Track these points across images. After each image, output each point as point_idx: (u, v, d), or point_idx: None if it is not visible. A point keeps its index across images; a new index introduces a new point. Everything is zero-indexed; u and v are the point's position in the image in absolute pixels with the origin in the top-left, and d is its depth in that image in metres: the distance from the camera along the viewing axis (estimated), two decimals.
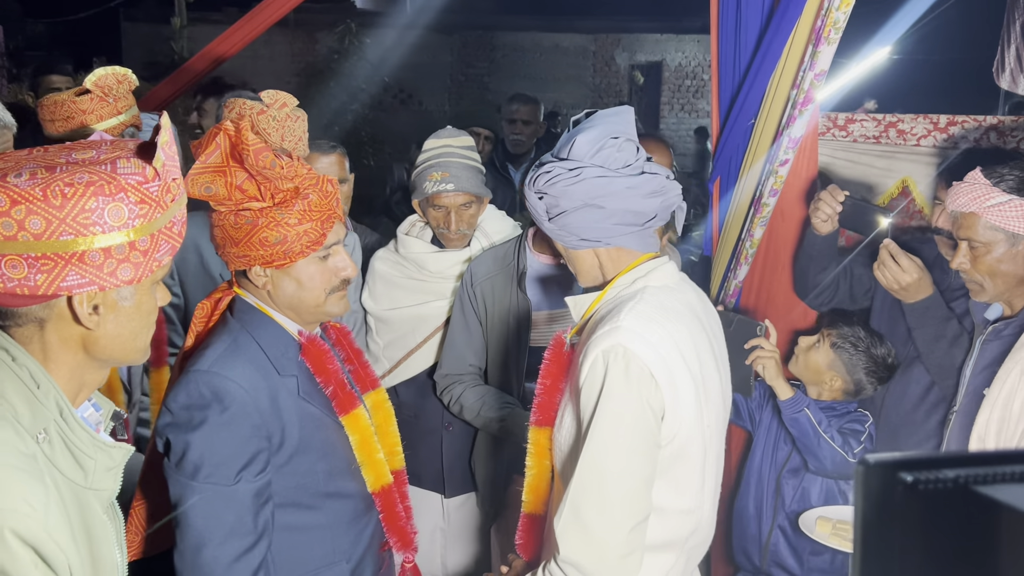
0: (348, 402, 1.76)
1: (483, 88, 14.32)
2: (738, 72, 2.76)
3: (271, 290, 1.69)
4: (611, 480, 1.55)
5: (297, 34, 13.30)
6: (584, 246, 1.71)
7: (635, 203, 1.65)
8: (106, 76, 2.24)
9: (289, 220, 1.60)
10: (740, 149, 2.79)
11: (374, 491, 1.82)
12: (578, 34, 14.36)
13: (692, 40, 14.28)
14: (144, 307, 1.24)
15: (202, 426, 1.56)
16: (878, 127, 2.89)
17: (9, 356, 1.16)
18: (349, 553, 1.77)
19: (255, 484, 1.60)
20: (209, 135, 1.57)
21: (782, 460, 2.54)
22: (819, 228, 2.48)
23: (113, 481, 1.26)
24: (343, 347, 1.91)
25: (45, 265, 1.09)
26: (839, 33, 2.39)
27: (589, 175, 1.63)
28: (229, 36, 4.11)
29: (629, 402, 1.55)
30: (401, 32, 11.89)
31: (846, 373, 2.49)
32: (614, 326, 1.59)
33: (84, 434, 1.20)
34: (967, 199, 2.02)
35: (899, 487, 0.58)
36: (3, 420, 1.12)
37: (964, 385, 2.20)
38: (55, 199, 1.07)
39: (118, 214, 1.11)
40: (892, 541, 0.59)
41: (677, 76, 14.47)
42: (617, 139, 1.66)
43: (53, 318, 1.17)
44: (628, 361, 1.55)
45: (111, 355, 1.24)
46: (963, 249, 2.08)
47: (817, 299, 2.64)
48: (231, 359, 1.62)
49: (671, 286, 1.72)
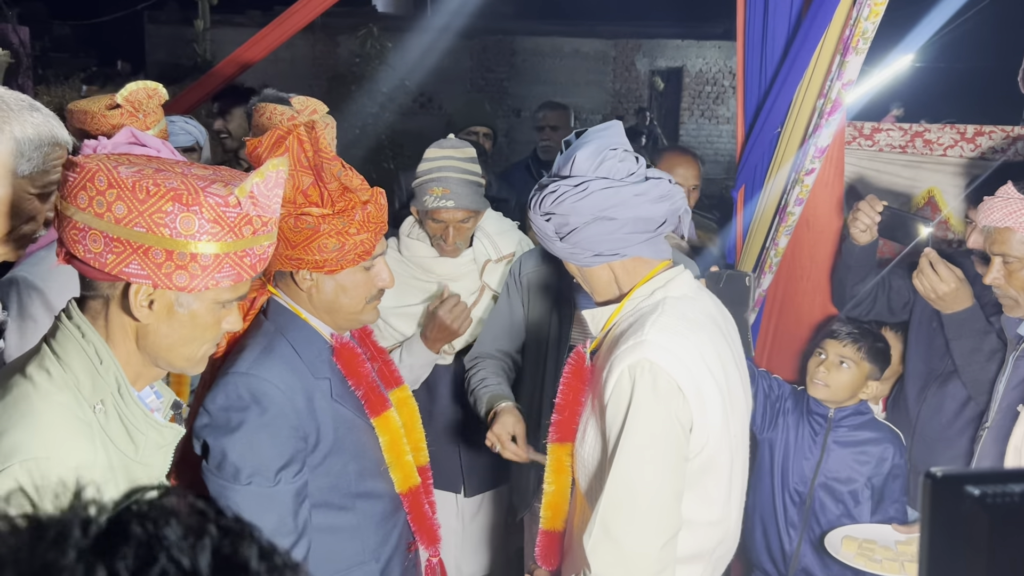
0: (379, 404, 1.79)
1: (503, 92, 14.36)
2: (764, 80, 2.76)
3: (313, 293, 1.71)
4: (643, 496, 1.55)
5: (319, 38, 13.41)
6: (598, 261, 1.69)
7: (645, 210, 1.64)
8: (137, 91, 2.26)
9: (349, 229, 1.62)
10: (766, 158, 2.79)
11: (402, 491, 1.84)
12: (598, 39, 14.37)
13: (713, 46, 14.25)
14: (200, 320, 1.30)
15: (241, 428, 1.58)
16: (904, 136, 2.89)
17: (80, 332, 1.26)
18: (378, 553, 1.79)
19: (295, 484, 1.62)
20: (276, 136, 1.59)
21: (811, 470, 2.50)
22: (857, 238, 2.46)
23: (163, 459, 1.36)
24: (367, 346, 1.93)
25: (117, 248, 1.20)
26: (867, 43, 2.40)
27: (596, 187, 1.62)
28: (256, 42, 4.15)
29: (658, 417, 1.55)
30: (422, 36, 11.94)
31: (878, 370, 2.48)
32: (639, 340, 1.58)
33: (138, 410, 1.30)
34: (1001, 214, 2.00)
35: (966, 501, 0.59)
36: (66, 386, 1.24)
37: (997, 401, 2.19)
38: (140, 193, 1.18)
39: (188, 224, 1.20)
40: (958, 554, 0.60)
41: (697, 82, 14.44)
42: (616, 150, 1.66)
43: (116, 299, 1.26)
44: (655, 375, 1.55)
45: (157, 353, 1.31)
46: (996, 264, 2.05)
47: (854, 310, 2.61)
48: (268, 361, 1.64)
49: (690, 295, 1.71)
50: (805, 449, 2.53)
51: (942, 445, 2.41)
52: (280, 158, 1.28)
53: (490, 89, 14.42)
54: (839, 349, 2.46)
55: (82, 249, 1.21)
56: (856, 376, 2.46)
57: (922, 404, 2.48)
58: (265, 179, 1.25)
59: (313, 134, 1.57)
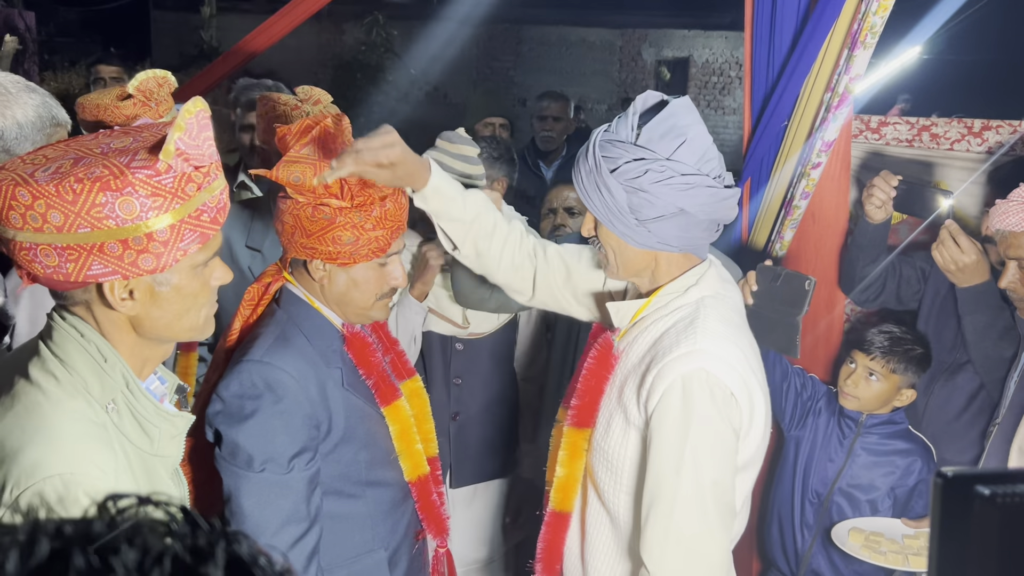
0: (390, 393, 1.81)
1: (509, 82, 14.33)
2: (772, 73, 2.76)
3: (325, 284, 1.73)
4: (711, 501, 1.57)
5: (325, 26, 13.37)
6: (660, 248, 1.64)
7: (722, 213, 1.62)
8: (148, 80, 2.26)
9: (365, 224, 1.63)
10: (772, 150, 2.79)
11: (411, 480, 1.86)
12: (605, 29, 14.31)
13: (720, 36, 14.19)
14: (186, 289, 1.26)
15: (255, 416, 1.60)
16: (911, 130, 2.88)
17: (78, 332, 1.23)
18: (387, 541, 1.81)
19: (308, 472, 1.64)
20: (304, 126, 1.60)
21: (833, 473, 2.48)
22: (872, 215, 2.41)
23: (177, 448, 1.35)
24: (379, 336, 1.95)
25: (72, 255, 1.14)
26: (875, 37, 2.40)
27: (701, 184, 1.56)
28: (263, 30, 4.14)
29: (719, 425, 1.58)
30: (428, 25, 11.91)
31: (914, 377, 2.43)
32: (691, 349, 1.58)
33: (149, 404, 1.28)
34: (1017, 218, 1.98)
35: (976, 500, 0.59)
36: (76, 392, 1.20)
37: (1008, 398, 2.19)
38: (67, 195, 1.11)
39: (129, 207, 1.13)
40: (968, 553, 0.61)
41: (704, 73, 14.38)
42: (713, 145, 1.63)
43: (95, 301, 1.23)
44: (712, 385, 1.57)
45: (160, 334, 1.29)
46: (1011, 268, 2.03)
47: (862, 295, 2.58)
48: (282, 350, 1.65)
49: (720, 292, 1.70)
50: (831, 451, 2.50)
51: (948, 438, 2.41)
52: (192, 100, 1.18)
53: (496, 78, 14.39)
54: (867, 362, 2.42)
55: (40, 267, 1.16)
56: (886, 388, 2.41)
57: (930, 396, 2.47)
58: (187, 130, 1.16)
59: (340, 126, 1.58)
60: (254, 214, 2.66)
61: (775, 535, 2.60)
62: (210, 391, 1.70)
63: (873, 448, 2.46)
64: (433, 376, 2.67)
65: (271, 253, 2.57)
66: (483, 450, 2.73)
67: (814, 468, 2.51)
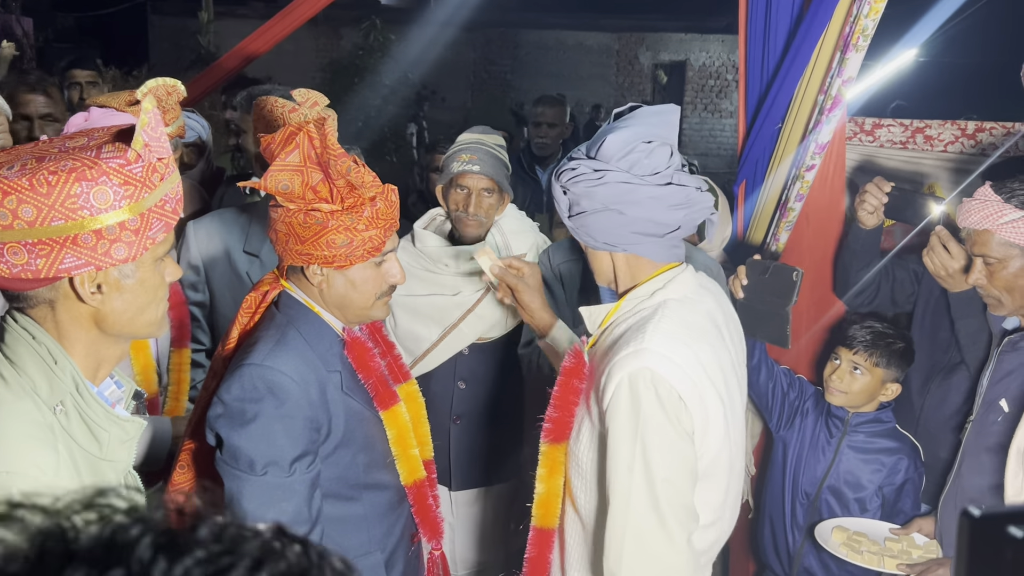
0: (388, 398, 1.81)
1: (506, 85, 14.37)
2: (766, 75, 2.78)
3: (324, 288, 1.74)
4: (664, 500, 1.56)
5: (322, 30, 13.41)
6: (600, 248, 1.70)
7: (657, 213, 1.62)
8: (157, 88, 2.25)
9: (358, 226, 1.64)
10: (767, 153, 2.81)
11: (407, 484, 1.87)
12: (602, 32, 14.36)
13: (716, 40, 14.24)
14: (148, 283, 1.28)
15: (257, 419, 1.60)
16: (905, 132, 2.90)
17: (30, 335, 1.24)
18: (383, 543, 1.81)
19: (309, 475, 1.64)
20: (288, 132, 1.61)
21: (821, 473, 2.49)
22: (864, 221, 2.44)
23: (127, 453, 1.34)
24: (376, 340, 1.95)
25: (43, 250, 1.15)
26: (867, 40, 2.41)
27: (613, 179, 1.60)
28: (260, 34, 4.16)
29: (665, 424, 1.55)
30: (425, 29, 11.94)
31: (898, 371, 2.45)
32: (639, 348, 1.57)
33: (99, 408, 1.28)
34: (979, 216, 2.02)
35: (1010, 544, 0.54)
36: (23, 392, 1.21)
37: (981, 395, 2.21)
38: (41, 187, 1.12)
39: (103, 197, 1.15)
40: None
41: (701, 76, 14.43)
42: (650, 143, 1.61)
43: (61, 298, 1.23)
44: (657, 385, 1.55)
45: (122, 330, 1.30)
46: (979, 265, 2.07)
47: (856, 299, 2.60)
48: (283, 353, 1.66)
49: (691, 296, 1.69)
50: (819, 451, 2.52)
51: (943, 438, 2.42)
52: (147, 99, 1.21)
53: (493, 82, 14.43)
54: (851, 356, 2.44)
55: (5, 267, 1.15)
56: (871, 382, 2.44)
57: (926, 396, 2.49)
58: (149, 122, 1.20)
59: (322, 130, 1.59)
60: (252, 219, 2.67)
61: (767, 536, 2.61)
62: (209, 397, 1.70)
63: (860, 446, 2.48)
64: (438, 377, 2.68)
65: (269, 258, 2.58)
66: (485, 454, 2.73)
67: (803, 468, 2.53)
